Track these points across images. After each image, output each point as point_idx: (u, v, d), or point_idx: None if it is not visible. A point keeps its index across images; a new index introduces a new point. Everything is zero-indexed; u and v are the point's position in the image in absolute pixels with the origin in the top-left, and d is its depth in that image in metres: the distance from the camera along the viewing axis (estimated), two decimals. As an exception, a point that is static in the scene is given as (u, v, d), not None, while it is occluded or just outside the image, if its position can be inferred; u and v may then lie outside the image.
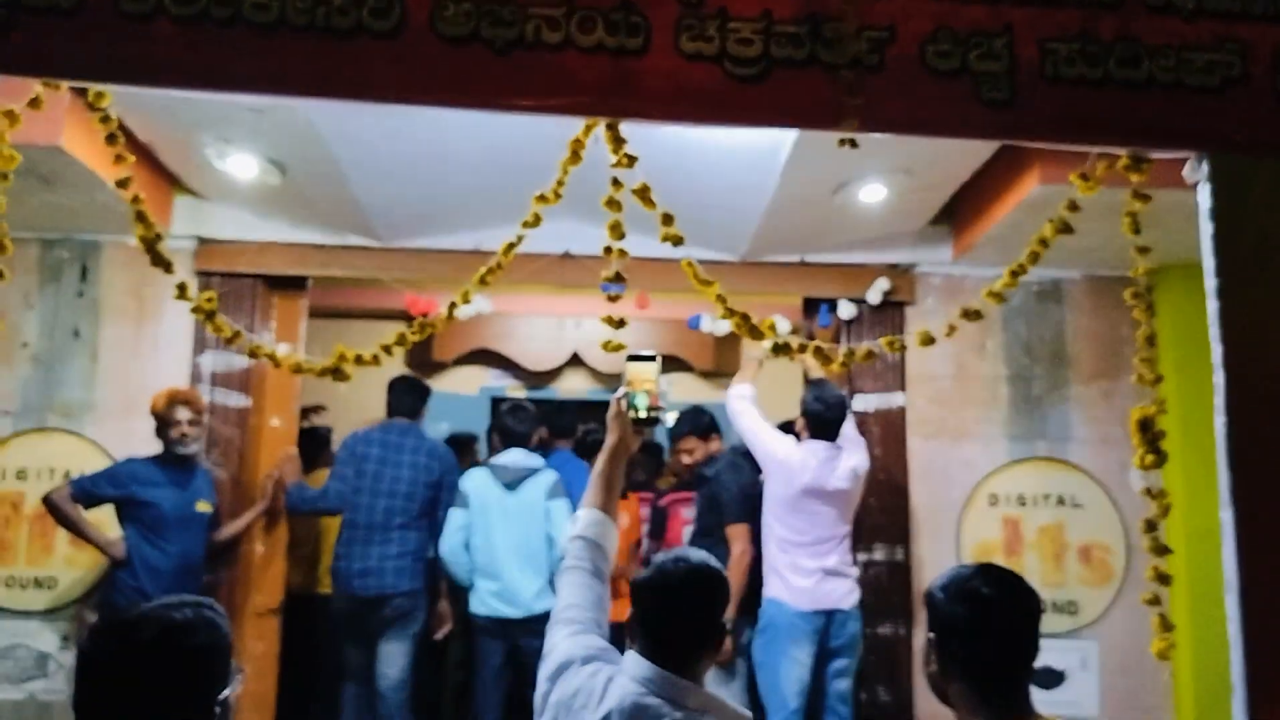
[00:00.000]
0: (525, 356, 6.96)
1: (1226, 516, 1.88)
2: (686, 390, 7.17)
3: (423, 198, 4.09)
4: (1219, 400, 1.92)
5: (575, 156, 2.23)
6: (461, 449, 6.22)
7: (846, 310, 4.52)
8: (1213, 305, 1.95)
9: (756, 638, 4.06)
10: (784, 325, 4.72)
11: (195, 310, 2.54)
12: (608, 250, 2.27)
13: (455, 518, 4.35)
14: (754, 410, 4.21)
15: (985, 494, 4.49)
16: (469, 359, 7.05)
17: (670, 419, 5.01)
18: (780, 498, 4.04)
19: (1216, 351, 1.93)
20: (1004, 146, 3.61)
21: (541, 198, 2.38)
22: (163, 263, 2.48)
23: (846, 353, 2.74)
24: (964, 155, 3.78)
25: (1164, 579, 2.30)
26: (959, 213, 4.41)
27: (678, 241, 2.32)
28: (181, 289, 2.54)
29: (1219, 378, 1.92)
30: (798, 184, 3.78)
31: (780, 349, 2.49)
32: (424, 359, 6.96)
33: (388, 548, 4.27)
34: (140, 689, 1.47)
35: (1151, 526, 2.27)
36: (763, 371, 4.44)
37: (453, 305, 2.52)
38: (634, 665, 1.83)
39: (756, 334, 2.43)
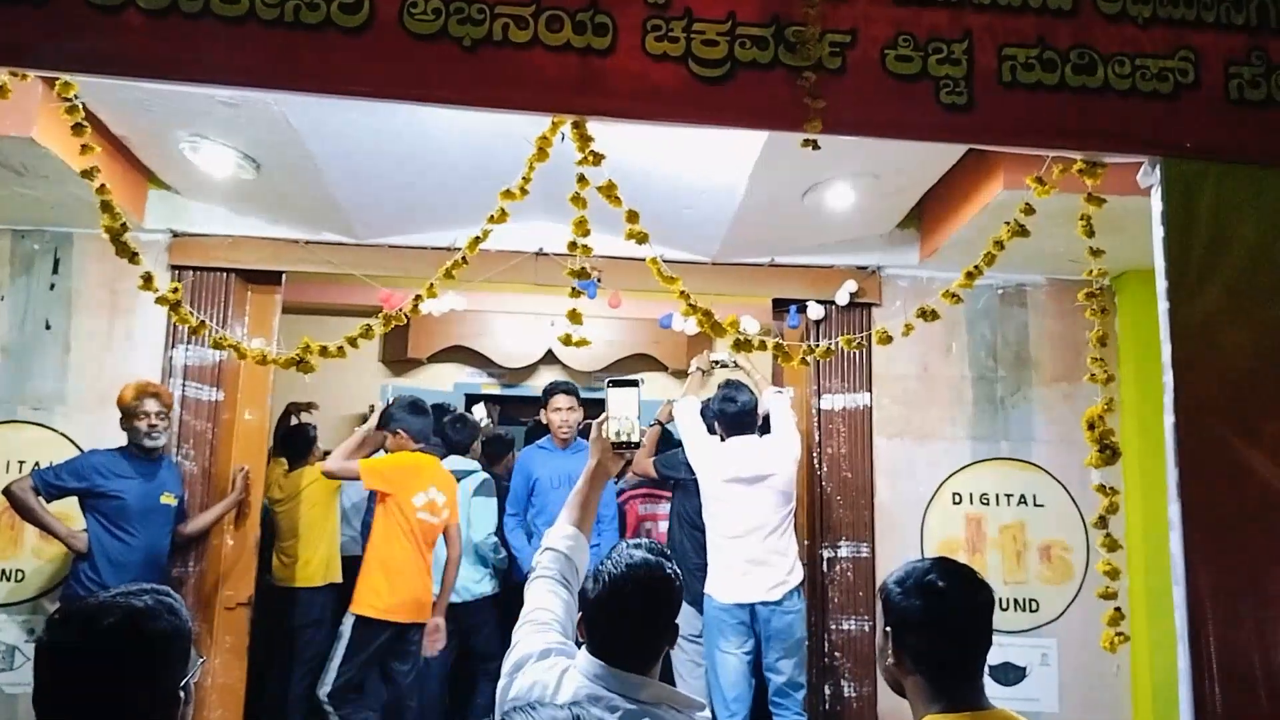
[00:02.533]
0: (500, 354, 6.98)
1: (1174, 511, 1.93)
2: (660, 389, 7.20)
3: (399, 195, 4.11)
4: (1168, 399, 1.97)
5: (542, 153, 2.27)
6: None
7: (815, 311, 4.57)
8: (1163, 306, 2.00)
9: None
10: (753, 326, 4.77)
11: (160, 300, 2.55)
12: (573, 245, 2.31)
13: None
14: (694, 420, 4.39)
15: (949, 492, 4.56)
16: (444, 356, 7.06)
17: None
18: (707, 493, 4.22)
19: (1166, 351, 1.98)
20: (969, 151, 3.67)
21: (508, 193, 2.41)
22: (128, 253, 2.49)
23: (805, 349, 2.78)
24: (930, 160, 3.84)
25: (1113, 574, 2.36)
26: (926, 216, 4.47)
27: (643, 239, 2.36)
28: (147, 279, 2.54)
29: (1168, 377, 1.98)
30: (767, 186, 3.83)
31: (741, 345, 2.54)
32: (399, 356, 6.97)
33: None
34: (104, 676, 1.45)
35: (1103, 523, 2.32)
36: (708, 380, 4.64)
37: (418, 299, 2.54)
38: (585, 662, 1.86)
39: (719, 330, 2.48)
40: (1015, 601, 4.49)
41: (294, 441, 5.21)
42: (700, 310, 2.44)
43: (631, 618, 1.86)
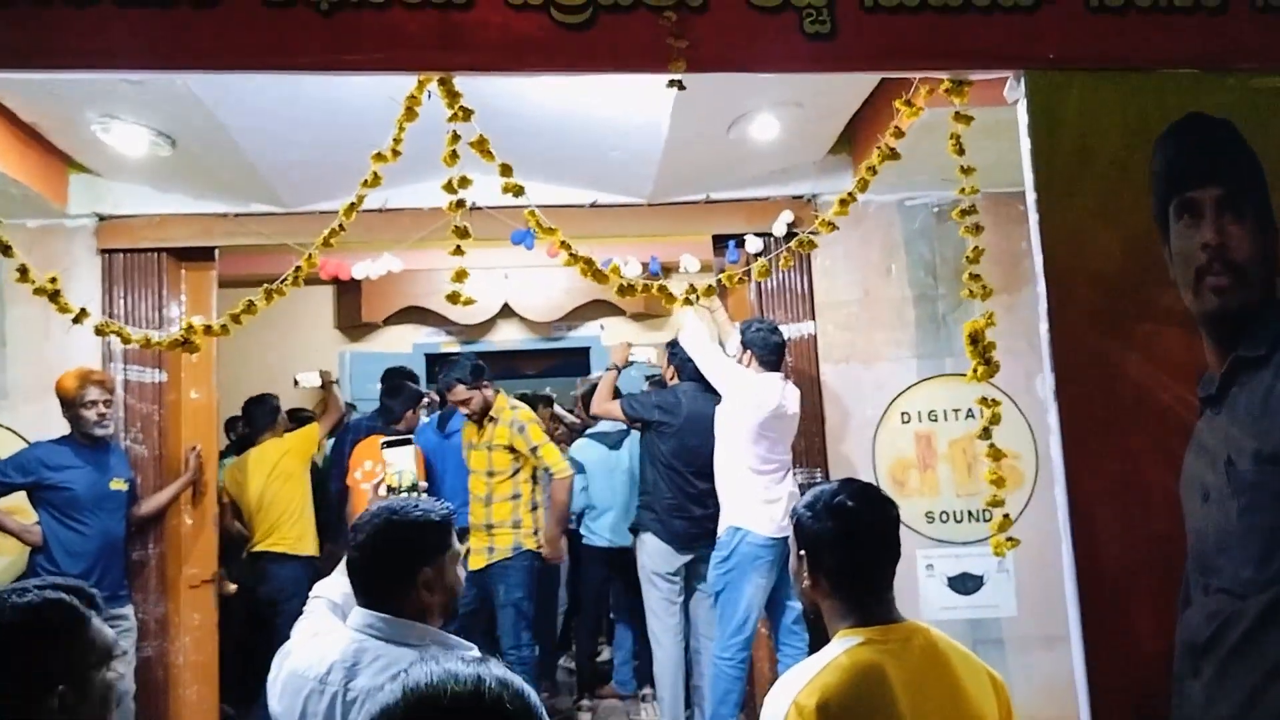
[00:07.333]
0: (456, 311, 6.92)
1: (1053, 416, 1.98)
2: (619, 334, 7.22)
3: (321, 159, 4.06)
4: (1042, 307, 2.01)
5: (411, 113, 2.26)
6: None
7: (753, 244, 4.56)
8: (1033, 218, 2.03)
9: (717, 565, 4.18)
10: (693, 264, 4.79)
11: (38, 292, 2.54)
12: (453, 205, 2.32)
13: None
14: (716, 347, 4.35)
15: (897, 412, 4.61)
16: (399, 317, 7.05)
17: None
18: (748, 426, 4.15)
19: (1038, 261, 2.01)
20: (887, 72, 3.65)
21: (379, 156, 2.41)
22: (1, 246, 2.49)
23: (706, 290, 2.80)
24: (850, 85, 3.81)
25: (999, 483, 2.41)
26: (857, 140, 4.46)
27: (518, 192, 2.37)
28: (23, 271, 2.51)
29: (1041, 286, 2.01)
30: (690, 122, 3.80)
31: (625, 290, 2.55)
32: (354, 321, 6.96)
33: None
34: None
35: (987, 434, 2.37)
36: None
37: (298, 270, 2.55)
38: (355, 617, 1.89)
39: (600, 277, 2.49)
40: (969, 513, 4.56)
41: (256, 412, 5.10)
42: (581, 258, 2.45)
43: (376, 556, 1.89)
